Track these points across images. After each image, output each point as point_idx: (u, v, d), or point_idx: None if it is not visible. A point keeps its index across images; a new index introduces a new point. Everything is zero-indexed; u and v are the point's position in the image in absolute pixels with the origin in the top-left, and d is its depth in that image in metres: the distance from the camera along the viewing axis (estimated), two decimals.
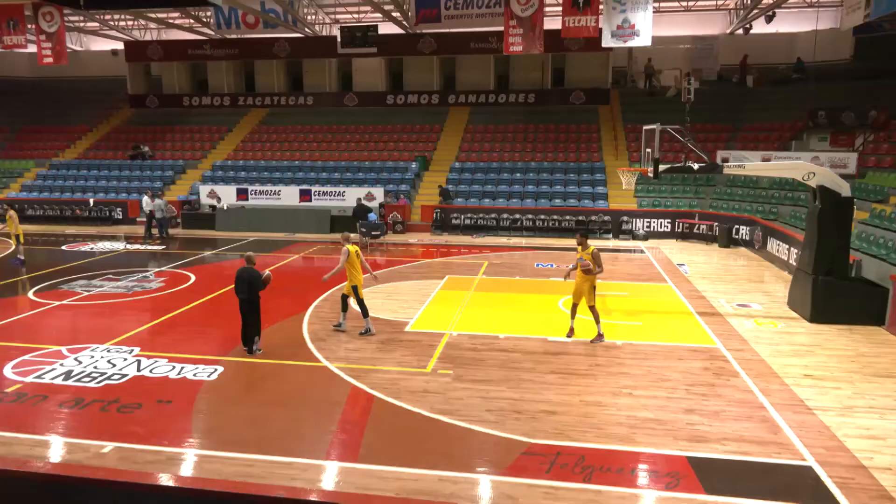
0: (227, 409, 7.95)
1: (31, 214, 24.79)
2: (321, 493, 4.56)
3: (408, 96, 29.91)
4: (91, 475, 4.63)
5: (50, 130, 31.48)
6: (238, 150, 28.49)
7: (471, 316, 11.99)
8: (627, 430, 7.21)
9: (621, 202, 22.87)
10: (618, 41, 19.67)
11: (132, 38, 31.20)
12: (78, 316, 12.05)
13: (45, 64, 23.94)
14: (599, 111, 28.15)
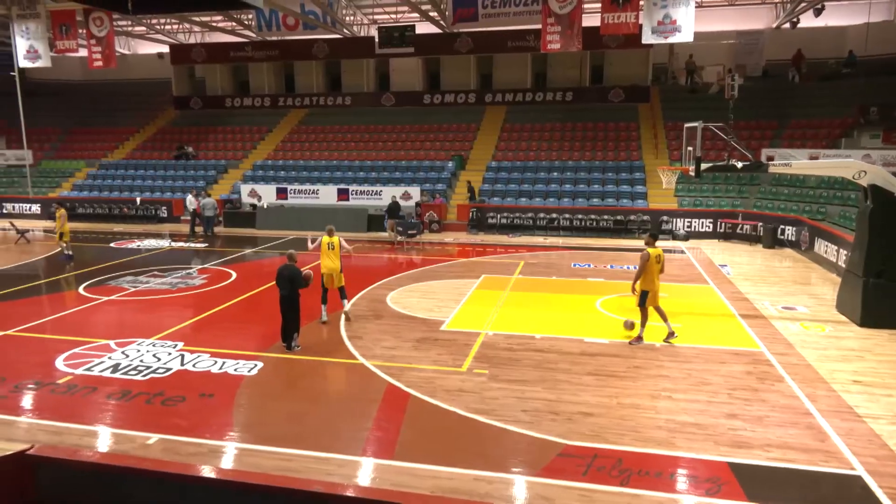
0: (267, 403, 8.11)
1: (82, 213, 25.71)
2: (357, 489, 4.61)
3: (444, 96, 29.96)
4: (137, 465, 4.78)
5: (99, 132, 32.61)
6: (278, 150, 29.00)
7: (507, 316, 11.94)
8: (666, 434, 7.07)
9: (661, 202, 22.45)
10: (658, 37, 19.29)
11: (177, 42, 32.07)
12: (125, 311, 12.45)
13: (95, 67, 24.77)
14: (639, 109, 27.68)
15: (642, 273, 9.95)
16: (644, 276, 9.93)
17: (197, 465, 5.07)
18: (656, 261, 9.96)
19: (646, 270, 9.88)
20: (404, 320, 11.58)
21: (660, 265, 10.04)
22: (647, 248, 9.99)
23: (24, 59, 25.00)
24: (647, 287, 9.98)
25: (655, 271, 9.98)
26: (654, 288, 10.02)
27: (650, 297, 10.03)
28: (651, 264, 9.89)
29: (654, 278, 9.97)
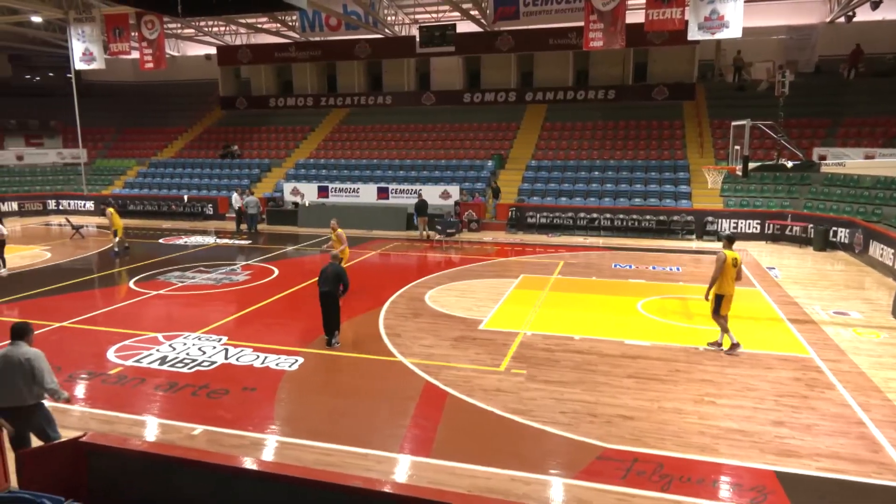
0: (307, 398, 8.25)
1: (133, 209, 26.62)
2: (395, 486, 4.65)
3: (484, 94, 29.89)
4: (183, 455, 4.94)
5: (149, 131, 33.71)
6: (320, 149, 29.44)
7: (545, 316, 11.85)
8: (709, 440, 6.90)
9: (706, 202, 21.91)
10: (705, 34, 18.80)
11: (224, 43, 32.87)
12: (172, 305, 12.84)
13: (146, 69, 25.61)
14: (684, 107, 27.07)
15: (718, 277, 9.53)
16: (719, 280, 9.53)
17: (240, 457, 5.21)
18: (733, 264, 9.51)
19: (721, 274, 9.47)
20: (442, 319, 11.61)
21: (736, 269, 9.59)
22: (723, 251, 9.59)
23: (80, 62, 26.00)
24: (721, 291, 9.55)
25: (732, 275, 9.54)
26: (730, 293, 9.57)
27: (725, 302, 9.58)
28: (727, 268, 9.47)
29: (729, 282, 9.54)
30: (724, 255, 9.49)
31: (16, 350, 5.31)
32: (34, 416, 5.36)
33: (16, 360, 5.25)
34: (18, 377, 5.22)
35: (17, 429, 5.29)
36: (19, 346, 5.37)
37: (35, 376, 5.26)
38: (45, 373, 5.34)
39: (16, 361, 5.25)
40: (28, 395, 5.27)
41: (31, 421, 5.37)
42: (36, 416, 5.39)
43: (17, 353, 5.29)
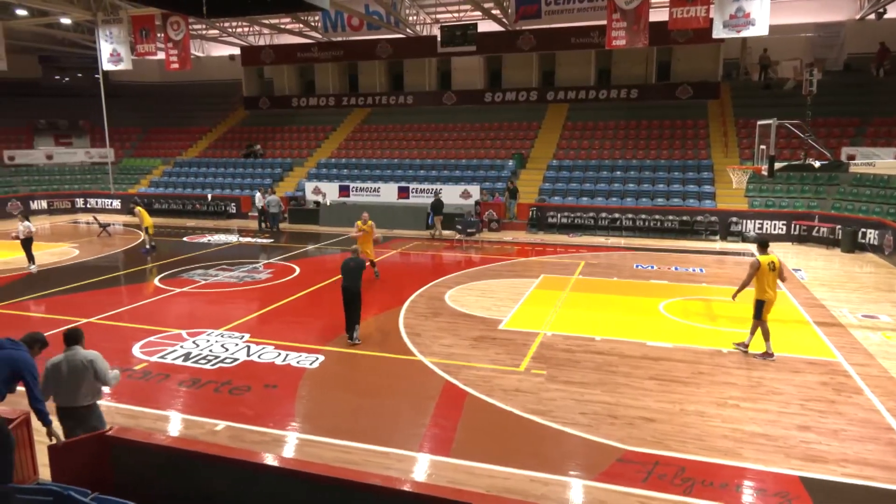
0: (327, 396, 8.30)
1: (158, 208, 27.01)
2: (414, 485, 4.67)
3: (506, 94, 29.80)
4: (206, 450, 5.01)
5: (175, 131, 34.22)
6: (341, 149, 29.61)
7: (566, 316, 11.78)
8: (733, 444, 6.80)
9: (730, 202, 21.59)
10: (730, 31, 18.53)
11: (247, 44, 33.23)
12: (196, 302, 13.02)
13: (171, 69, 26.01)
14: (708, 106, 26.70)
15: (749, 282, 9.35)
16: (758, 286, 9.31)
17: (261, 453, 5.26)
18: (770, 268, 9.26)
19: (759, 279, 9.27)
20: (462, 318, 11.61)
21: (775, 272, 9.33)
22: (757, 256, 9.40)
23: (108, 62, 26.49)
24: (762, 297, 9.31)
25: (770, 280, 9.28)
26: (771, 298, 9.33)
27: (767, 307, 9.34)
28: (764, 273, 9.23)
29: (769, 287, 9.29)
30: (759, 262, 9.28)
31: (76, 355, 5.56)
32: (90, 415, 5.64)
33: (79, 364, 5.52)
34: (82, 379, 5.51)
35: (71, 426, 5.55)
36: (77, 351, 5.62)
37: (98, 376, 5.58)
38: (106, 371, 5.67)
39: (80, 365, 5.52)
40: (88, 396, 5.55)
41: (87, 419, 5.62)
42: (91, 415, 5.65)
43: (78, 357, 5.56)
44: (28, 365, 5.21)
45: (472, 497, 4.42)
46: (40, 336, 5.59)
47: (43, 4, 24.67)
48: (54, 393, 5.54)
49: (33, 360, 5.31)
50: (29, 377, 5.17)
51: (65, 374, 5.50)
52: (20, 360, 5.19)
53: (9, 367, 5.12)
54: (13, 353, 5.21)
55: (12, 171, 30.12)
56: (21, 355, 5.24)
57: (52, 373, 5.52)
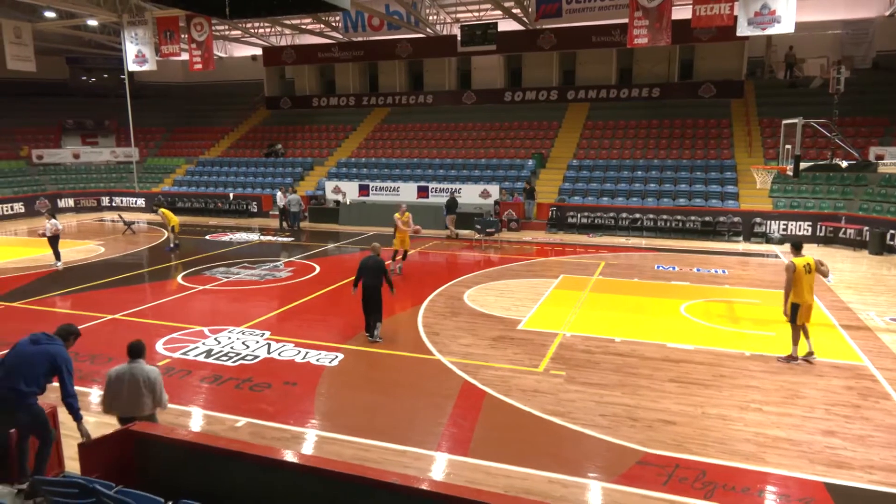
0: (346, 394, 8.35)
1: (181, 206, 27.40)
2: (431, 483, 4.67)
3: (526, 93, 29.70)
4: (227, 446, 5.06)
5: (198, 130, 34.67)
6: (361, 148, 29.76)
7: (585, 317, 11.70)
8: (755, 448, 6.70)
9: (754, 202, 21.27)
10: (755, 29, 18.25)
11: (269, 44, 33.55)
12: (218, 300, 13.18)
13: (195, 70, 26.36)
14: (731, 105, 26.34)
15: (791, 287, 9.09)
16: (794, 289, 9.10)
17: (281, 450, 5.31)
18: (805, 270, 9.06)
19: (795, 283, 9.04)
20: (481, 318, 11.59)
21: (812, 275, 9.12)
22: (792, 259, 9.17)
23: (133, 63, 26.93)
24: (797, 300, 9.09)
25: (806, 282, 9.06)
26: (807, 301, 9.10)
27: (802, 312, 9.11)
28: (800, 275, 9.02)
29: (805, 290, 9.06)
30: (794, 264, 9.05)
31: (138, 368, 5.71)
32: None
33: (141, 377, 5.68)
34: (143, 392, 5.66)
35: None
36: (140, 364, 5.77)
37: (156, 394, 5.73)
38: (163, 392, 5.82)
39: (142, 378, 5.67)
40: (147, 407, 5.72)
41: None
42: None
43: (140, 370, 5.70)
44: (65, 359, 5.34)
45: (490, 497, 4.41)
46: (74, 328, 5.71)
47: (71, 7, 25.15)
48: (112, 403, 5.68)
49: (69, 355, 5.44)
50: (65, 371, 5.28)
51: (125, 387, 5.64)
52: (58, 355, 5.32)
53: (48, 361, 5.26)
54: (51, 348, 5.34)
55: (40, 169, 30.77)
56: (58, 349, 5.37)
57: (115, 384, 5.65)
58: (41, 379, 5.26)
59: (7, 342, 10.17)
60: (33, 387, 5.22)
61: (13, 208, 26.88)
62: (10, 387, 5.14)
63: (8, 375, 5.20)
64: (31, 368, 5.24)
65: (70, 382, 5.31)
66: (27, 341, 5.38)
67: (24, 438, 5.37)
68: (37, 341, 5.38)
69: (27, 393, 5.18)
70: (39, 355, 5.29)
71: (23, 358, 5.29)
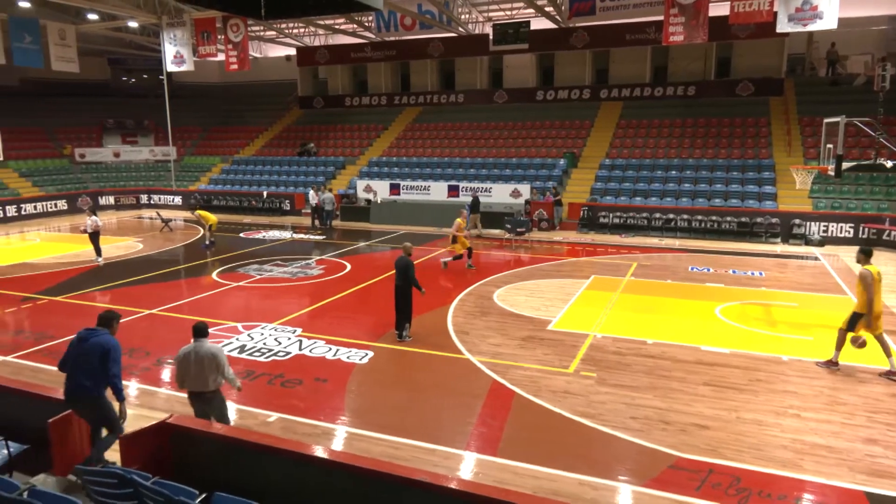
0: (376, 392, 8.41)
1: (216, 204, 27.95)
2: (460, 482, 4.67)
3: (558, 92, 29.47)
4: (258, 440, 5.15)
5: (233, 130, 35.31)
6: (392, 147, 29.92)
7: (617, 318, 11.56)
8: (792, 455, 6.54)
9: (792, 203, 20.73)
10: (796, 25, 17.76)
11: (303, 45, 33.96)
12: (251, 296, 13.40)
13: (231, 70, 26.82)
14: (770, 103, 25.70)
15: (873, 296, 8.61)
16: (861, 298, 8.71)
17: (312, 445, 5.37)
18: (878, 278, 8.66)
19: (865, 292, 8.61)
20: (510, 318, 11.55)
21: (881, 282, 8.72)
22: (865, 267, 8.69)
23: (171, 64, 27.55)
24: (862, 309, 8.69)
25: (879, 292, 8.66)
26: (878, 310, 8.66)
27: (865, 322, 8.70)
28: (876, 284, 8.61)
29: (878, 299, 8.65)
30: (871, 273, 8.61)
31: (202, 346, 6.20)
32: (215, 399, 6.33)
33: (206, 354, 6.16)
34: (208, 368, 6.14)
35: (199, 409, 6.30)
36: (203, 343, 6.24)
37: (220, 367, 6.20)
38: (226, 365, 6.28)
39: (206, 355, 6.16)
40: (212, 383, 6.20)
41: (213, 403, 6.32)
42: (216, 399, 6.35)
43: (204, 348, 6.19)
44: (115, 346, 5.79)
45: (519, 497, 4.39)
46: (113, 313, 6.12)
47: (112, 9, 25.86)
48: (184, 379, 6.21)
49: (115, 340, 5.87)
50: (111, 354, 5.70)
51: (192, 363, 6.12)
52: (104, 342, 5.74)
53: (99, 351, 5.68)
54: (97, 340, 5.74)
55: (83, 168, 31.73)
56: (104, 338, 5.79)
57: (183, 362, 6.16)
58: (98, 371, 5.65)
59: (49, 335, 10.54)
60: (95, 381, 5.65)
61: (56, 205, 27.76)
62: (77, 384, 5.63)
63: (73, 374, 5.68)
64: (88, 364, 5.66)
65: (116, 364, 5.71)
66: (76, 342, 5.79)
67: (96, 431, 5.79)
68: (84, 338, 5.78)
69: (91, 387, 5.64)
70: (90, 349, 5.69)
71: (78, 356, 5.72)
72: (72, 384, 5.65)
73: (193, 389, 6.23)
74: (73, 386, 5.63)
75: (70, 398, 5.62)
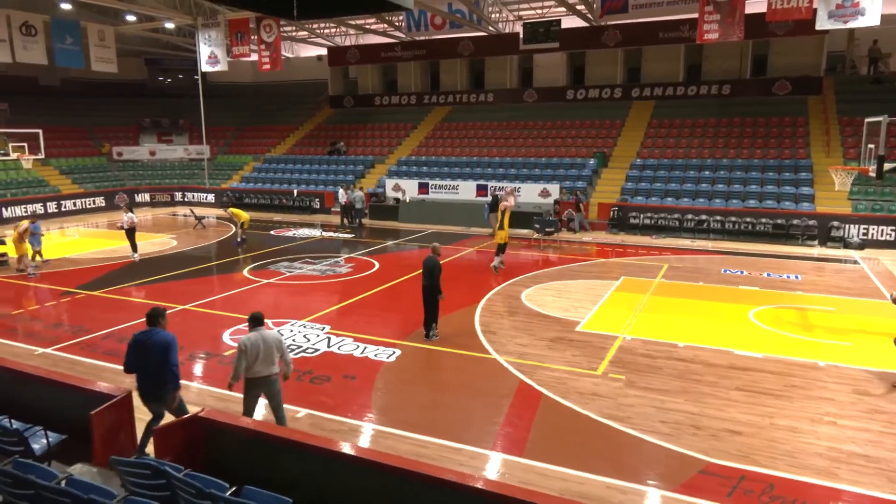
0: (403, 390, 8.44)
1: (248, 202, 28.38)
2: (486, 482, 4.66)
3: (588, 91, 29.18)
4: (287, 435, 5.20)
5: (265, 129, 35.81)
6: (421, 147, 29.99)
7: (647, 320, 11.40)
8: (828, 463, 6.37)
9: (831, 205, 20.17)
10: (836, 22, 17.26)
11: (334, 45, 34.27)
12: (281, 293, 13.58)
13: (263, 70, 27.20)
14: (808, 102, 25.03)
15: None
16: None
17: (339, 441, 5.42)
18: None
19: None
20: (538, 318, 11.48)
21: None
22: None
23: (206, 64, 28.05)
24: None
25: None
26: None
27: None
28: None
29: None
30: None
31: (267, 333, 6.56)
32: (276, 383, 6.65)
33: (274, 339, 6.55)
34: (274, 353, 6.52)
35: (255, 396, 6.64)
36: (265, 330, 6.58)
37: (284, 351, 6.61)
38: (286, 348, 6.72)
39: (274, 340, 6.55)
40: (276, 367, 6.57)
41: (276, 385, 6.64)
42: (277, 383, 6.67)
43: (270, 334, 6.57)
44: (173, 339, 6.17)
45: (546, 500, 4.37)
46: (158, 310, 6.40)
47: (150, 10, 26.46)
48: (252, 366, 6.44)
49: (170, 334, 6.22)
50: (171, 347, 6.09)
51: (261, 349, 6.43)
52: (168, 338, 6.12)
53: (160, 348, 6.02)
54: (160, 336, 6.09)
55: (120, 166, 32.54)
56: (165, 334, 6.14)
57: (253, 348, 6.42)
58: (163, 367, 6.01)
59: (86, 329, 10.83)
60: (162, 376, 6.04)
61: (94, 202, 28.52)
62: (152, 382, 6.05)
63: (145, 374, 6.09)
64: (156, 362, 6.00)
65: (174, 354, 6.08)
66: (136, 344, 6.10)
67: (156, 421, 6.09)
68: (144, 340, 6.08)
69: (166, 382, 6.06)
70: (154, 347, 6.02)
71: (141, 357, 6.06)
72: (146, 383, 6.05)
73: (262, 374, 6.48)
74: (149, 384, 6.04)
75: (149, 396, 6.06)
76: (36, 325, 11.32)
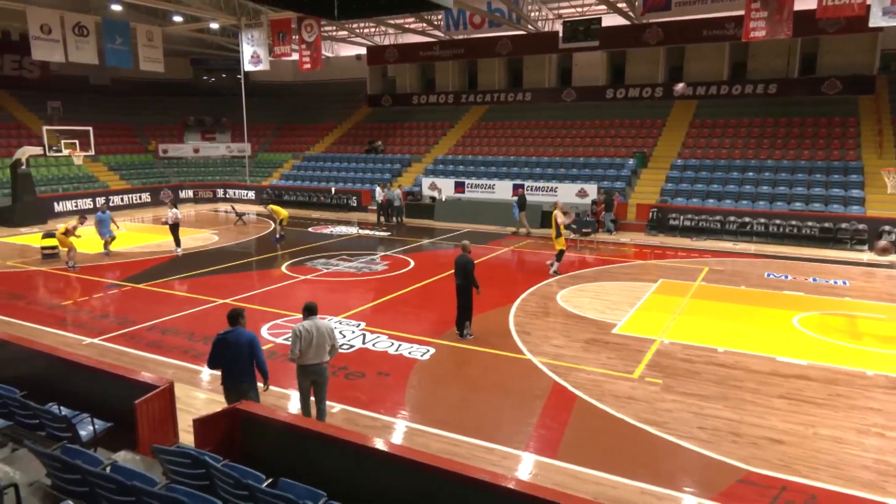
0: (437, 388, 8.47)
1: (287, 199, 28.87)
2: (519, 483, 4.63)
3: (628, 90, 28.74)
4: (322, 430, 5.27)
5: (304, 128, 36.36)
6: (458, 146, 30.00)
7: (686, 324, 11.17)
8: (875, 476, 6.14)
9: (882, 208, 19.40)
10: (892, 19, 16.58)
11: (373, 44, 34.56)
12: (318, 289, 13.77)
13: (304, 69, 27.60)
14: (860, 102, 24.14)
15: None
16: None
17: (373, 437, 5.47)
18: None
19: None
20: (574, 320, 11.37)
21: None
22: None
23: (249, 64, 28.61)
24: None
25: None
26: None
27: None
28: None
29: None
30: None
31: (320, 322, 6.85)
32: (327, 371, 6.98)
33: (326, 328, 6.86)
34: (326, 341, 6.82)
35: (312, 379, 6.90)
36: (317, 319, 6.86)
37: (335, 341, 6.92)
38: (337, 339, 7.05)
39: (327, 329, 6.86)
40: (327, 354, 6.87)
41: (324, 374, 6.94)
42: (327, 371, 6.99)
43: (323, 323, 6.86)
44: (254, 337, 6.49)
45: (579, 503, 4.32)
46: (237, 310, 6.59)
47: (196, 11, 27.13)
48: (306, 352, 6.72)
49: (252, 333, 6.52)
50: (256, 345, 6.44)
51: (315, 338, 6.72)
52: (251, 336, 6.43)
53: (247, 346, 6.37)
54: (244, 334, 6.39)
55: (165, 163, 33.48)
56: (245, 335, 6.41)
57: (307, 337, 6.71)
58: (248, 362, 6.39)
59: (132, 320, 11.18)
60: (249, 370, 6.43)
61: (141, 198, 29.41)
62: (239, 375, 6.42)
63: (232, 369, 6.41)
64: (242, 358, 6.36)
65: (260, 353, 6.47)
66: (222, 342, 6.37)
67: None
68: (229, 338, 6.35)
69: (250, 376, 6.44)
70: (240, 344, 6.34)
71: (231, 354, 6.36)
72: (233, 378, 6.42)
73: (315, 361, 6.75)
74: (236, 378, 6.41)
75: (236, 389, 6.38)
76: (83, 316, 11.74)
